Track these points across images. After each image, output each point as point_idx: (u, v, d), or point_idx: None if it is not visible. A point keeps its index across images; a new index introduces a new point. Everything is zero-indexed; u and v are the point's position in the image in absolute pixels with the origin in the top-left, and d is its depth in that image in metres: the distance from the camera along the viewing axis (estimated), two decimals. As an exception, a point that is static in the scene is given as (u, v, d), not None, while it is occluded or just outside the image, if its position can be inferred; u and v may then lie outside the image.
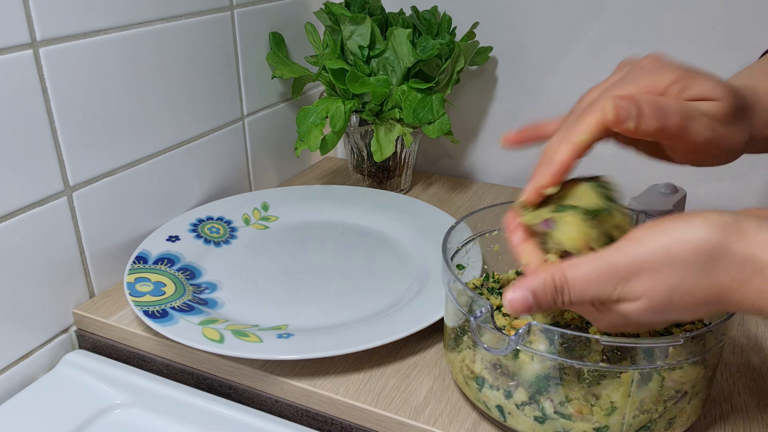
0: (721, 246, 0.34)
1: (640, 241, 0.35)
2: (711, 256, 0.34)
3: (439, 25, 0.84)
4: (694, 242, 0.34)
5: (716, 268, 0.34)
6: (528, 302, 0.37)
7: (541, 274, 0.37)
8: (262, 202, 0.81)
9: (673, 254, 0.34)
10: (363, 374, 0.56)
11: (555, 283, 0.37)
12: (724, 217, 0.35)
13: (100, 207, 0.65)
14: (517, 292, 0.37)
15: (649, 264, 0.35)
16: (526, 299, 0.37)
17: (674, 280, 0.35)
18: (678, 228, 0.35)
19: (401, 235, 0.76)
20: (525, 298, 0.37)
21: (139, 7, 0.64)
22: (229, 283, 0.66)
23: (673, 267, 0.35)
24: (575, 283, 0.36)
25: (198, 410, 0.54)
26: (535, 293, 0.37)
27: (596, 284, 0.36)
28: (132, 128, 0.67)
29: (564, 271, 0.37)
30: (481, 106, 0.93)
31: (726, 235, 0.34)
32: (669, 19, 0.78)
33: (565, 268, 0.37)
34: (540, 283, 0.37)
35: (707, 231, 0.34)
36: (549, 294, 0.37)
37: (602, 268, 0.36)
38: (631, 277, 0.35)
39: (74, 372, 0.58)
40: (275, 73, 0.84)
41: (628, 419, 0.44)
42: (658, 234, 0.35)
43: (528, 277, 0.38)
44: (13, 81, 0.54)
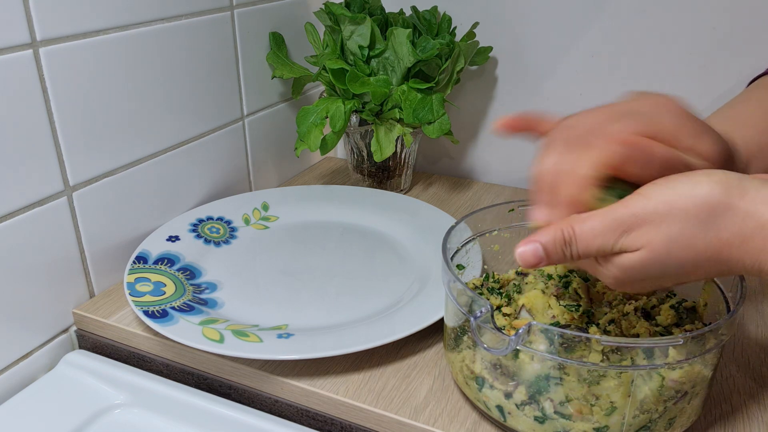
0: (724, 201, 0.35)
1: (644, 196, 0.36)
2: (713, 211, 0.35)
3: (439, 25, 0.84)
4: (696, 196, 0.35)
5: (717, 223, 0.35)
6: (538, 254, 0.38)
7: (551, 229, 0.38)
8: (262, 202, 0.81)
9: (676, 206, 0.35)
10: (363, 374, 0.56)
11: (564, 236, 0.38)
12: (727, 175, 0.36)
13: (100, 207, 0.65)
14: (528, 246, 0.39)
15: (651, 215, 0.36)
16: (537, 251, 0.38)
17: (675, 232, 0.35)
18: (682, 183, 0.36)
19: (401, 235, 0.76)
20: (536, 250, 0.38)
21: (139, 7, 0.65)
22: (229, 283, 0.66)
23: (674, 219, 0.35)
24: (582, 236, 0.37)
25: (198, 410, 0.54)
26: (545, 246, 0.38)
27: (602, 236, 0.37)
28: (132, 128, 0.67)
29: (572, 224, 0.38)
30: (481, 106, 0.93)
31: (729, 190, 0.35)
32: (669, 19, 0.78)
33: (573, 222, 0.38)
34: (550, 236, 0.38)
35: (710, 186, 0.35)
36: (558, 246, 0.38)
37: (607, 221, 0.37)
38: (633, 228, 0.36)
39: (74, 372, 0.58)
40: (275, 73, 0.84)
41: (628, 419, 0.44)
42: (662, 188, 0.36)
43: (539, 232, 0.39)
44: (13, 81, 0.54)
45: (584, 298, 0.52)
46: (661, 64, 0.81)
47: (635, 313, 0.50)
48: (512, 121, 0.46)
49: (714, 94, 0.79)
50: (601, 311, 0.51)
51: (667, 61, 0.80)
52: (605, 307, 0.52)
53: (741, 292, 0.45)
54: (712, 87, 0.79)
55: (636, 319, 0.50)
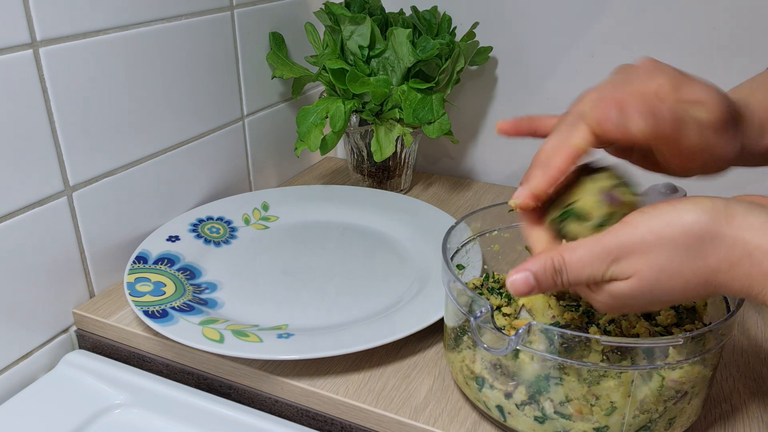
0: (711, 228, 0.35)
1: (632, 225, 0.37)
2: (700, 239, 0.35)
3: (439, 25, 0.84)
4: (683, 224, 0.35)
5: (705, 250, 0.35)
6: (529, 283, 0.39)
7: (541, 258, 0.39)
8: (262, 202, 0.81)
9: (663, 236, 0.35)
10: (363, 374, 0.56)
11: (554, 265, 0.38)
12: (713, 201, 0.36)
13: (100, 207, 0.65)
14: (519, 274, 0.39)
15: (639, 245, 0.36)
16: (528, 280, 0.39)
17: (663, 261, 0.36)
18: (668, 212, 0.36)
19: (401, 235, 0.76)
20: (526, 278, 0.39)
21: (139, 7, 0.65)
22: (229, 283, 0.66)
23: (662, 248, 0.36)
24: (572, 265, 0.38)
25: (198, 410, 0.54)
26: (536, 275, 0.39)
27: (590, 265, 0.37)
28: (132, 128, 0.67)
29: (562, 254, 0.38)
30: (481, 106, 0.93)
31: (715, 218, 0.35)
32: (669, 19, 0.78)
33: (563, 252, 0.38)
34: (540, 265, 0.39)
35: (696, 214, 0.35)
36: (549, 275, 0.38)
37: (596, 250, 0.37)
38: (622, 257, 0.37)
39: (74, 372, 0.58)
40: (275, 73, 0.84)
41: (628, 419, 0.44)
42: (649, 217, 0.36)
43: (529, 260, 0.39)
44: (13, 81, 0.54)
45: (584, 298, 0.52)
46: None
47: (635, 313, 0.50)
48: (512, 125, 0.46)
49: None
50: (601, 311, 0.51)
51: (668, 62, 0.80)
52: (605, 307, 0.52)
53: (741, 292, 0.45)
54: (712, 87, 0.79)
55: (636, 319, 0.50)
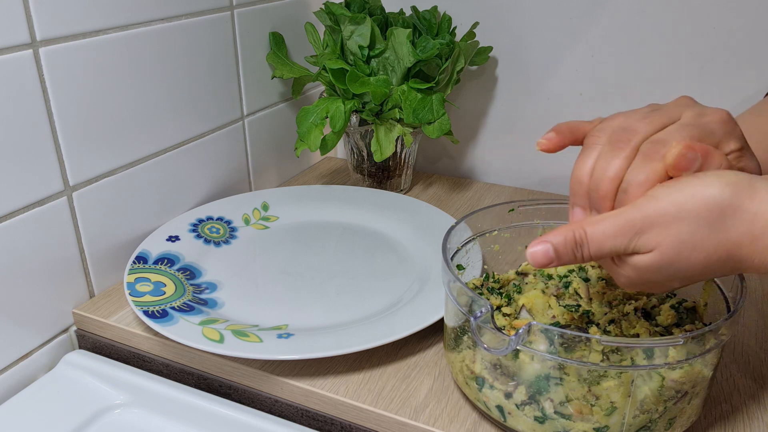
0: (733, 202, 0.35)
1: (655, 198, 0.37)
2: (722, 212, 0.35)
3: (439, 25, 0.84)
4: (706, 198, 0.35)
5: (727, 224, 0.35)
6: (549, 255, 0.38)
7: (563, 230, 0.38)
8: (262, 202, 0.81)
9: (686, 208, 0.36)
10: (363, 374, 0.56)
11: (575, 237, 0.38)
12: (737, 176, 0.36)
13: (100, 207, 0.65)
14: (539, 246, 0.39)
15: (662, 218, 0.36)
16: (548, 252, 0.38)
17: (685, 234, 0.36)
18: (692, 184, 0.36)
19: (401, 235, 0.76)
20: (546, 251, 0.38)
21: (139, 7, 0.65)
22: (229, 283, 0.66)
23: (684, 221, 0.36)
24: (594, 238, 0.38)
25: (198, 410, 0.54)
26: (556, 247, 0.38)
27: (613, 238, 0.37)
28: (132, 128, 0.67)
29: (584, 227, 0.38)
30: (481, 106, 0.93)
31: (738, 191, 0.35)
32: (669, 19, 0.78)
33: (585, 225, 0.38)
34: (561, 237, 0.38)
35: (720, 188, 0.35)
36: (569, 248, 0.38)
37: (619, 224, 0.37)
38: (645, 230, 0.36)
39: (74, 372, 0.58)
40: (275, 73, 0.84)
41: (628, 419, 0.44)
42: (672, 190, 0.36)
43: (551, 232, 0.39)
44: (13, 81, 0.54)
45: (584, 298, 0.52)
46: (661, 64, 0.81)
47: (635, 313, 0.50)
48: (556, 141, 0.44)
49: (714, 94, 0.79)
50: (601, 311, 0.51)
51: (668, 62, 0.80)
52: (605, 307, 0.52)
53: (741, 292, 0.45)
54: (712, 88, 0.79)
55: (636, 319, 0.50)
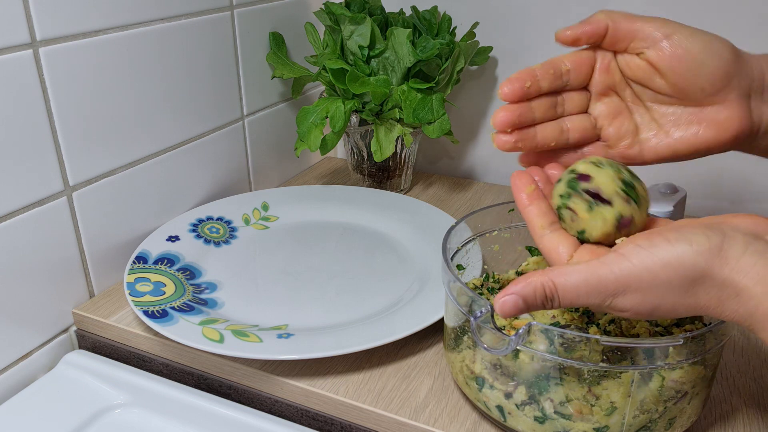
0: (705, 272, 0.36)
1: (627, 258, 0.37)
2: (694, 280, 0.36)
3: (439, 25, 0.84)
4: (679, 267, 0.36)
5: (697, 291, 0.36)
6: (518, 306, 0.38)
7: (532, 282, 0.38)
8: (262, 202, 0.81)
9: (659, 277, 0.36)
10: (363, 374, 0.56)
11: (545, 291, 0.38)
12: (709, 240, 0.36)
13: (100, 207, 0.65)
14: (509, 297, 0.38)
15: (635, 283, 0.36)
16: (517, 304, 0.38)
17: (658, 300, 0.37)
18: (664, 251, 0.36)
19: (401, 235, 0.76)
20: (515, 302, 0.38)
21: (139, 7, 0.65)
22: (229, 283, 0.66)
23: (657, 288, 0.36)
24: (565, 293, 0.38)
25: (198, 410, 0.54)
26: (525, 299, 0.38)
27: (585, 296, 0.37)
28: (132, 128, 0.67)
29: (554, 280, 0.38)
30: (481, 106, 0.93)
31: (710, 261, 0.36)
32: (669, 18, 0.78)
33: (554, 278, 0.38)
34: (531, 290, 0.38)
35: (694, 258, 0.36)
36: (539, 300, 0.38)
37: (591, 282, 0.37)
38: (618, 293, 0.37)
39: (74, 372, 0.58)
40: (275, 73, 0.84)
41: (628, 419, 0.44)
42: (645, 254, 0.36)
43: (519, 282, 0.38)
44: (13, 81, 0.54)
45: (584, 298, 0.52)
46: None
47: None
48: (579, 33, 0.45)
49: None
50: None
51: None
52: (605, 307, 0.52)
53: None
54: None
55: (636, 319, 0.50)
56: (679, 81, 0.43)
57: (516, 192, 0.44)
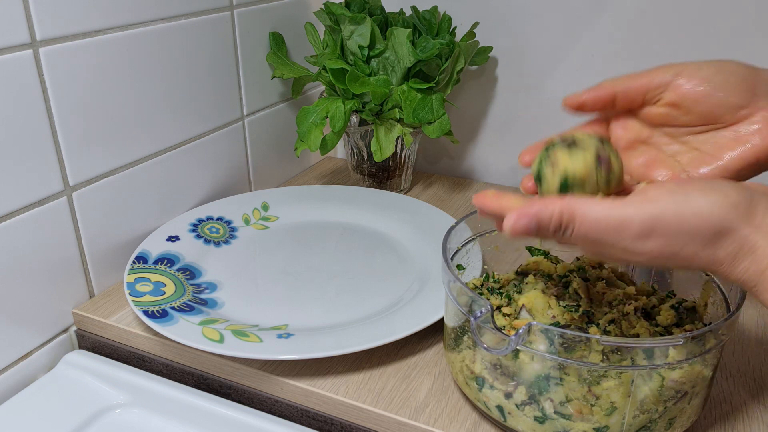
0: (732, 225, 0.35)
1: (656, 201, 0.36)
2: (720, 233, 0.35)
3: (439, 25, 0.84)
4: (709, 217, 0.35)
5: (718, 243, 0.36)
6: (530, 229, 0.37)
7: (550, 206, 0.37)
8: (262, 202, 0.81)
9: (687, 223, 0.35)
10: (363, 374, 0.56)
11: (562, 218, 0.37)
12: (739, 194, 0.36)
13: (100, 207, 0.65)
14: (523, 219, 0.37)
15: (662, 227, 0.36)
16: (529, 227, 0.37)
17: (678, 248, 0.36)
18: (696, 197, 0.36)
19: (401, 235, 0.76)
20: (528, 225, 0.37)
21: (139, 7, 0.65)
22: (229, 283, 0.66)
23: (683, 236, 0.36)
24: (582, 224, 0.36)
25: (198, 410, 0.54)
26: (540, 222, 0.37)
27: (604, 231, 0.36)
28: (132, 128, 0.67)
29: (573, 208, 0.37)
30: (481, 106, 0.93)
31: (738, 214, 0.35)
32: (669, 19, 0.78)
33: (575, 205, 0.37)
34: (548, 213, 0.37)
35: (726, 209, 0.35)
36: (553, 226, 0.37)
37: (614, 218, 0.36)
38: (641, 235, 0.36)
39: (74, 372, 0.58)
40: (275, 73, 0.84)
41: (628, 419, 0.44)
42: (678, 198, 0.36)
43: (536, 204, 0.37)
44: (13, 81, 0.54)
45: (584, 298, 0.52)
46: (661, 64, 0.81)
47: (635, 313, 0.50)
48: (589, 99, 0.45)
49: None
50: (601, 311, 0.51)
51: (668, 62, 0.80)
52: (605, 307, 0.52)
53: (741, 292, 0.45)
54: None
55: (636, 319, 0.50)
56: (706, 108, 0.43)
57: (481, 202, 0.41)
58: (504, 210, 0.40)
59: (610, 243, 0.37)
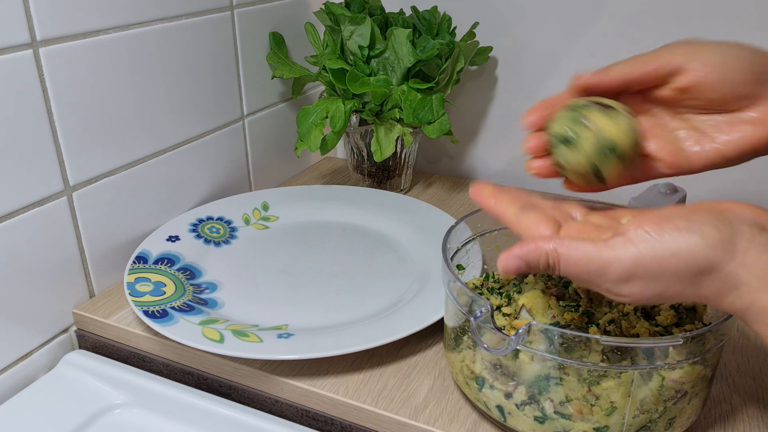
0: (711, 265, 0.35)
1: (634, 245, 0.36)
2: (701, 272, 0.36)
3: (439, 25, 0.84)
4: (687, 259, 0.35)
5: (700, 282, 0.36)
6: (520, 269, 0.39)
7: (537, 249, 0.38)
8: (262, 202, 0.81)
9: (666, 267, 0.36)
10: (363, 374, 0.56)
11: (549, 260, 0.38)
12: (721, 234, 0.36)
13: (100, 207, 0.65)
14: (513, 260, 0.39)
15: (641, 272, 0.36)
16: (519, 267, 0.39)
17: (661, 289, 0.36)
18: (674, 240, 0.36)
19: (401, 235, 0.76)
20: (518, 266, 0.39)
21: (139, 7, 0.65)
22: (229, 283, 0.66)
23: (663, 278, 0.36)
24: (567, 266, 0.38)
25: (198, 410, 0.54)
26: (528, 263, 0.39)
27: (587, 273, 0.37)
28: (132, 128, 0.67)
29: (558, 251, 0.38)
30: (481, 106, 0.93)
31: (719, 254, 0.35)
32: (668, 19, 0.78)
33: (559, 248, 0.38)
34: (535, 257, 0.39)
35: (704, 250, 0.35)
36: (542, 266, 0.39)
37: (594, 262, 0.37)
38: (622, 280, 0.37)
39: (74, 372, 0.58)
40: (275, 73, 0.84)
41: (628, 419, 0.44)
42: (654, 242, 0.36)
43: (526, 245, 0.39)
44: (13, 81, 0.54)
45: (584, 298, 0.52)
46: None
47: (635, 313, 0.50)
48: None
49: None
50: (601, 311, 0.51)
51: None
52: (605, 307, 0.52)
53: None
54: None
55: (636, 319, 0.50)
56: (714, 95, 0.43)
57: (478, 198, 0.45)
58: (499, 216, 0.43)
59: (594, 284, 0.38)
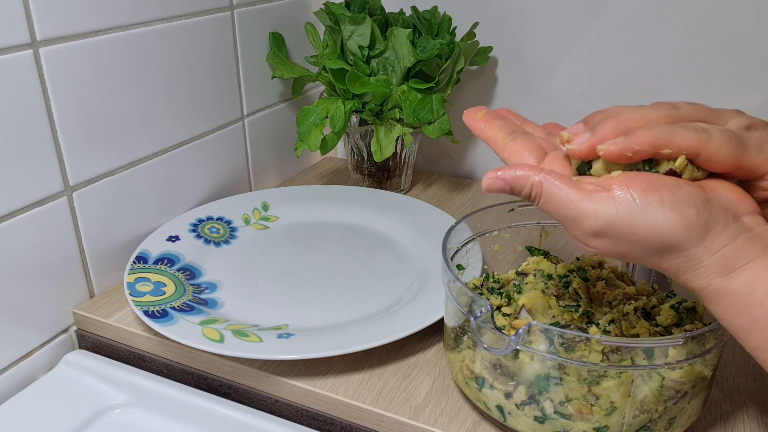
0: (679, 245, 0.36)
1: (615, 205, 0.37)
2: (666, 248, 0.36)
3: (439, 25, 0.84)
4: (660, 233, 0.36)
5: (663, 256, 0.37)
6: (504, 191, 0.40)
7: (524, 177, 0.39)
8: (262, 202, 0.81)
9: (638, 234, 0.36)
10: (363, 374, 0.56)
11: (532, 190, 0.39)
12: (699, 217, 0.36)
13: (100, 207, 0.65)
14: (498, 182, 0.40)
15: (613, 232, 0.37)
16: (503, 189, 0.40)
17: (625, 250, 0.38)
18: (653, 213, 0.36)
19: (401, 235, 0.76)
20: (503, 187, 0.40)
21: (139, 7, 0.65)
22: (229, 283, 0.67)
23: (631, 243, 0.37)
24: (546, 202, 0.39)
25: (198, 410, 0.54)
26: (513, 188, 0.40)
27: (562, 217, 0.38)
28: (132, 128, 0.67)
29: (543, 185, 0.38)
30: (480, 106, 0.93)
31: (691, 236, 0.36)
32: (669, 19, 0.78)
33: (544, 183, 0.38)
34: (521, 183, 0.39)
35: (678, 230, 0.36)
36: (524, 194, 0.39)
37: (572, 209, 0.37)
38: (592, 234, 0.37)
39: (74, 372, 0.58)
40: (275, 73, 0.84)
41: (628, 419, 0.44)
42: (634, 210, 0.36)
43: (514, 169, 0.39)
44: (13, 81, 0.54)
45: (584, 298, 0.52)
46: (661, 64, 0.81)
47: (635, 313, 0.51)
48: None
49: (715, 94, 0.79)
50: (601, 311, 0.51)
51: (668, 61, 0.80)
52: (605, 307, 0.52)
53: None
54: (713, 87, 0.79)
55: (636, 319, 0.50)
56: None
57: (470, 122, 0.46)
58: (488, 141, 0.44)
59: (566, 227, 0.39)
